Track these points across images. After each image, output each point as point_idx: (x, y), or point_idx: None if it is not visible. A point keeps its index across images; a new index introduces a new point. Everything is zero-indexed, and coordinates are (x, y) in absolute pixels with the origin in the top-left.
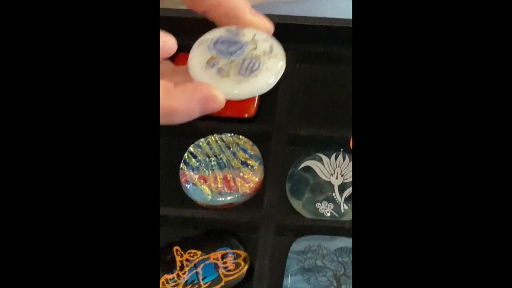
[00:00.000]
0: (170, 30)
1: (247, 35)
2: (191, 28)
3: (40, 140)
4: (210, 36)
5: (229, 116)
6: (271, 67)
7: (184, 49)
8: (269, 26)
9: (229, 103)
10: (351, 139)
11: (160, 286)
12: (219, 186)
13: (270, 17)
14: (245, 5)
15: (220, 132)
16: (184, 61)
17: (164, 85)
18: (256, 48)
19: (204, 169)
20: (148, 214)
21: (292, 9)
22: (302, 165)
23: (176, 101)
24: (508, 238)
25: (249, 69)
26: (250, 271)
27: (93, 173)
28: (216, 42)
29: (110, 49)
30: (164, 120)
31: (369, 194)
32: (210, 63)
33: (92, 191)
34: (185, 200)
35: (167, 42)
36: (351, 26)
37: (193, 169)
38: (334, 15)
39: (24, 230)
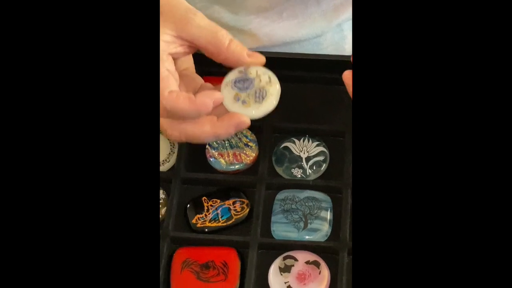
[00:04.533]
0: (199, 61)
1: (252, 72)
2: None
3: (53, 142)
4: (229, 78)
5: None
6: (272, 93)
7: (207, 74)
8: (262, 59)
9: None
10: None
11: (194, 222)
12: (231, 159)
13: (263, 53)
14: (243, 52)
15: None
16: (208, 81)
17: (210, 119)
18: (260, 81)
19: (221, 148)
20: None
21: (275, 49)
22: (282, 145)
23: (220, 129)
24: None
25: (261, 97)
26: (251, 212)
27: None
28: (235, 82)
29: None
30: (212, 140)
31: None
32: (236, 98)
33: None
34: (210, 168)
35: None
36: (315, 58)
37: (214, 148)
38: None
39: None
